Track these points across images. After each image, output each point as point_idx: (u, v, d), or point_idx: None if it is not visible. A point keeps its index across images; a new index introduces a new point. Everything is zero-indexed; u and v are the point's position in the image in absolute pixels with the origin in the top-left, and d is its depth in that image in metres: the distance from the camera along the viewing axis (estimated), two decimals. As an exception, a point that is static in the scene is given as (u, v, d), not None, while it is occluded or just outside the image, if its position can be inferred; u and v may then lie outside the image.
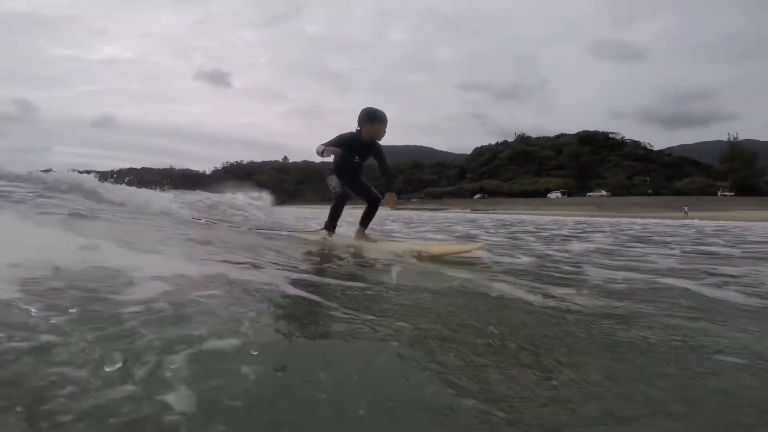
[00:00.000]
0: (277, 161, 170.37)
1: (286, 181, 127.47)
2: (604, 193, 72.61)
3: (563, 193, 76.11)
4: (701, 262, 3.75)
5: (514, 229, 10.12)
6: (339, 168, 3.56)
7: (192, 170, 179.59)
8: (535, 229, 9.95)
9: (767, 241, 7.41)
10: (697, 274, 2.80)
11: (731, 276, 2.76)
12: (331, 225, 3.61)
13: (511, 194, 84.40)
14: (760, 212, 39.63)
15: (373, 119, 3.51)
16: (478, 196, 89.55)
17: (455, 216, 27.79)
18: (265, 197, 8.84)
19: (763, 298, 2.01)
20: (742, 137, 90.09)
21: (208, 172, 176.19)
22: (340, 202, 3.54)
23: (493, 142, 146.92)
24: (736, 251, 5.00)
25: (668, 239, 7.10)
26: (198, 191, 8.34)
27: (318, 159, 3.56)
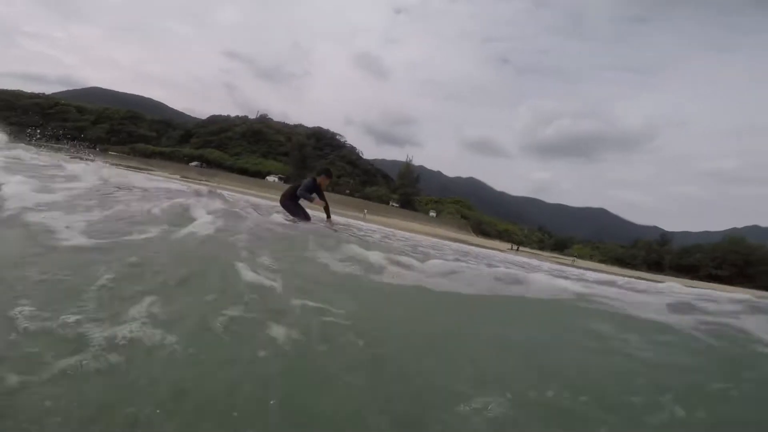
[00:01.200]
0: None
1: None
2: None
3: (280, 179, 78.49)
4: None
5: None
6: (300, 202, 6.19)
7: None
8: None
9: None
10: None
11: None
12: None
13: (232, 169, 79.83)
14: (407, 223, 51.73)
15: (329, 176, 6.54)
16: (194, 163, 79.91)
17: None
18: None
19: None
20: (417, 162, 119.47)
21: None
22: (304, 218, 6.07)
23: (233, 114, 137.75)
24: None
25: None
26: None
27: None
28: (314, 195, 6.00)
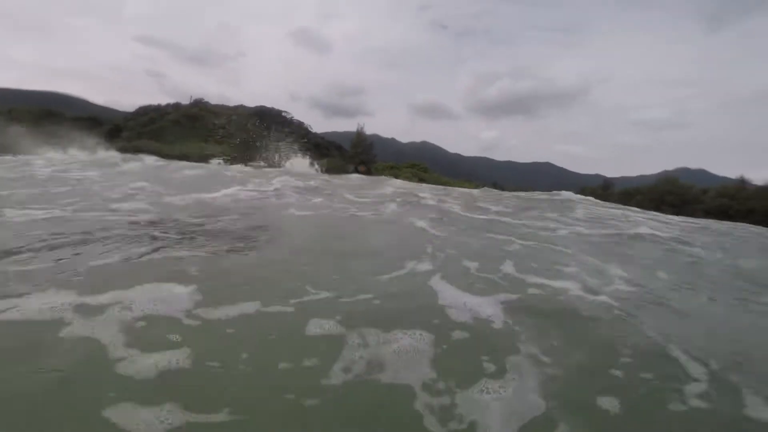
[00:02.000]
0: None
1: None
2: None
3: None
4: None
5: None
6: None
7: None
8: None
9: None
10: None
11: None
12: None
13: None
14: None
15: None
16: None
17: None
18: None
19: None
20: (370, 131, 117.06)
21: None
22: None
23: (164, 103, 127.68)
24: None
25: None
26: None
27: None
28: None
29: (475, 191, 17.85)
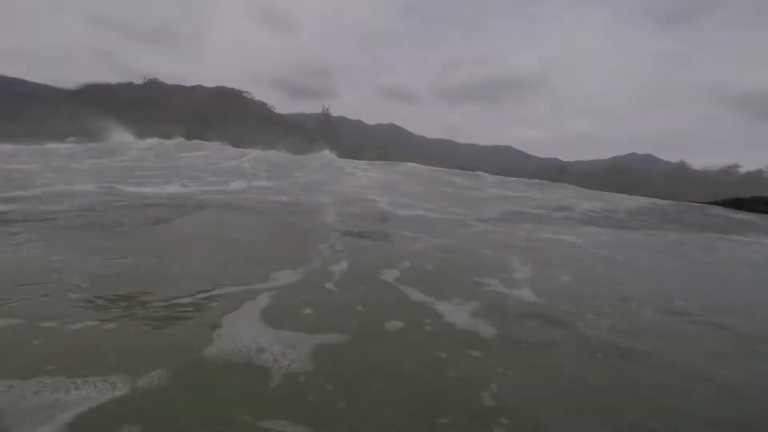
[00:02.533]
0: None
1: None
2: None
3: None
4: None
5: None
6: None
7: None
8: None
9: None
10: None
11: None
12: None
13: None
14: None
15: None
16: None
17: None
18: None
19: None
20: (336, 113, 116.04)
21: None
22: None
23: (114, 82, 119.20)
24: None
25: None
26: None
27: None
28: None
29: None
